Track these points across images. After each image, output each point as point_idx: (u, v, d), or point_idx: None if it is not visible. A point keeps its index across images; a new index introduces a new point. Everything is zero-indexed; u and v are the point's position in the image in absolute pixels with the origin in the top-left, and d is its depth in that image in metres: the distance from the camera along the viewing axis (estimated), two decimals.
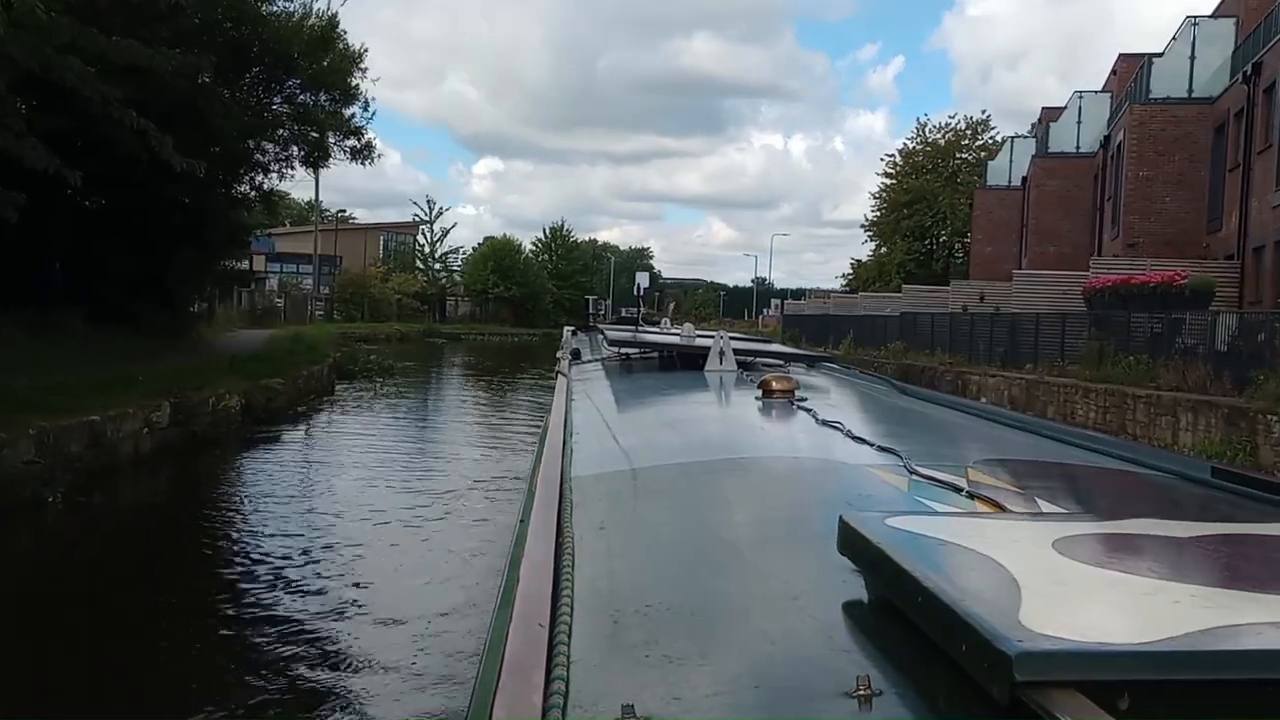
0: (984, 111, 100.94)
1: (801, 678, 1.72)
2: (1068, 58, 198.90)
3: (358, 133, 24.75)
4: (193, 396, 15.89)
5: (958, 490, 3.09)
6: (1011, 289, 31.73)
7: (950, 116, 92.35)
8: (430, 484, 14.24)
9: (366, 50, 24.08)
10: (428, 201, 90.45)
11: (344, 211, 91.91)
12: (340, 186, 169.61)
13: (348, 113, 24.53)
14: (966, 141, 66.89)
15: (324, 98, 23.79)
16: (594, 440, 4.55)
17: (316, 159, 24.95)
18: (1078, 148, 37.76)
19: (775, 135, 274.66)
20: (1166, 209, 27.92)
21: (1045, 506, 2.93)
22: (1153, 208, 28.00)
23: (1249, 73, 23.05)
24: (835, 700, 1.56)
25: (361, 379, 30.00)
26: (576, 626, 1.85)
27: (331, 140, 24.58)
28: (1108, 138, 32.38)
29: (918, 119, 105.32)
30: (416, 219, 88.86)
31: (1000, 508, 2.86)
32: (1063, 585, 1.78)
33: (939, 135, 67.23)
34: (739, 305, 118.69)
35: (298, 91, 23.62)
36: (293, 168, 25.09)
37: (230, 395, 17.34)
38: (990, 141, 66.00)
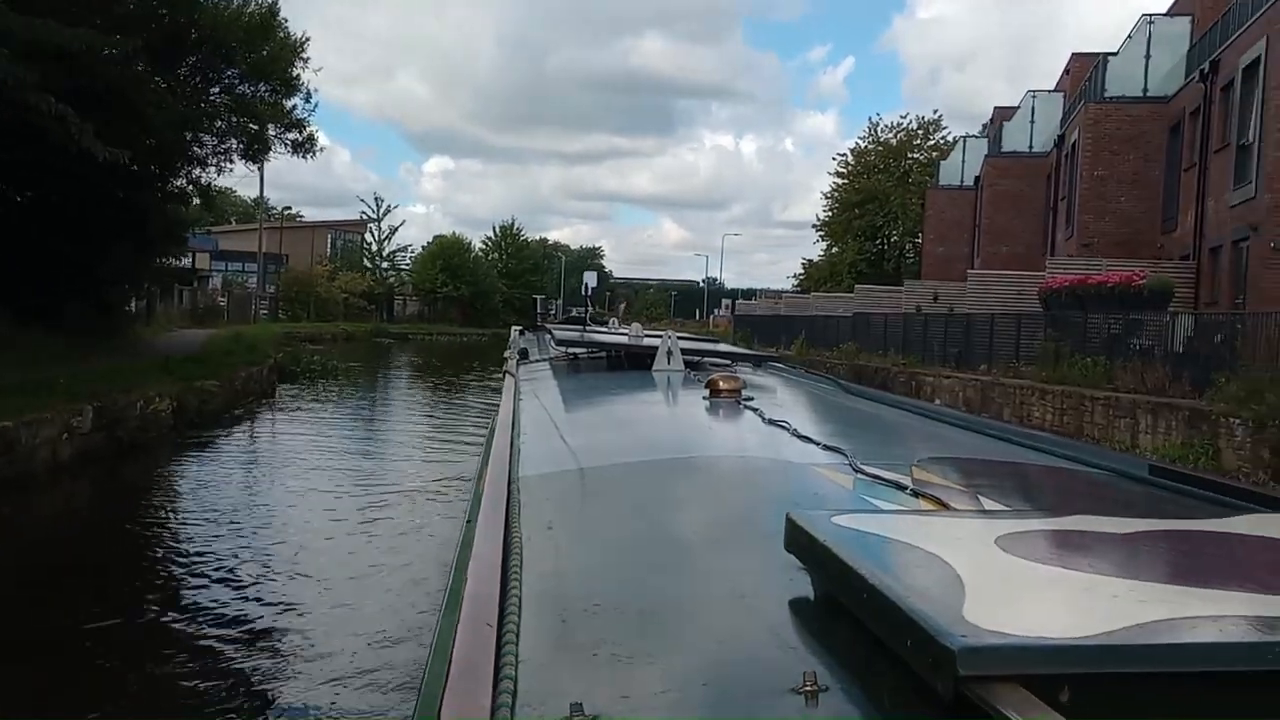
0: (935, 111, 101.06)
1: (748, 675, 1.74)
2: (1015, 60, 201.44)
3: (299, 125, 23.94)
4: (119, 400, 15.05)
5: (902, 489, 3.13)
6: (966, 289, 31.52)
7: (902, 116, 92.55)
8: (372, 489, 13.69)
9: (308, 40, 23.31)
10: (375, 199, 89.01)
11: (290, 209, 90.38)
12: (289, 184, 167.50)
13: (289, 104, 23.73)
14: (918, 141, 67.02)
15: (264, 88, 22.94)
16: (541, 440, 4.52)
17: (256, 152, 24.09)
18: (1031, 147, 37.67)
19: (726, 135, 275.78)
20: (1121, 209, 27.80)
21: (988, 504, 2.98)
22: (1107, 207, 27.86)
23: (1206, 71, 22.92)
24: (782, 697, 1.57)
25: (304, 380, 29.12)
26: (525, 626, 1.85)
27: (272, 133, 23.74)
28: (1062, 137, 32.25)
29: (869, 118, 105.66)
30: (364, 216, 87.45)
31: (944, 505, 2.90)
32: (1005, 581, 1.81)
33: (891, 135, 67.33)
34: (690, 305, 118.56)
35: (236, 82, 22.75)
36: (232, 161, 24.23)
37: (161, 398, 16.50)
38: (942, 141, 66.18)
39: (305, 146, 24.21)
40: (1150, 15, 28.32)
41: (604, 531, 2.98)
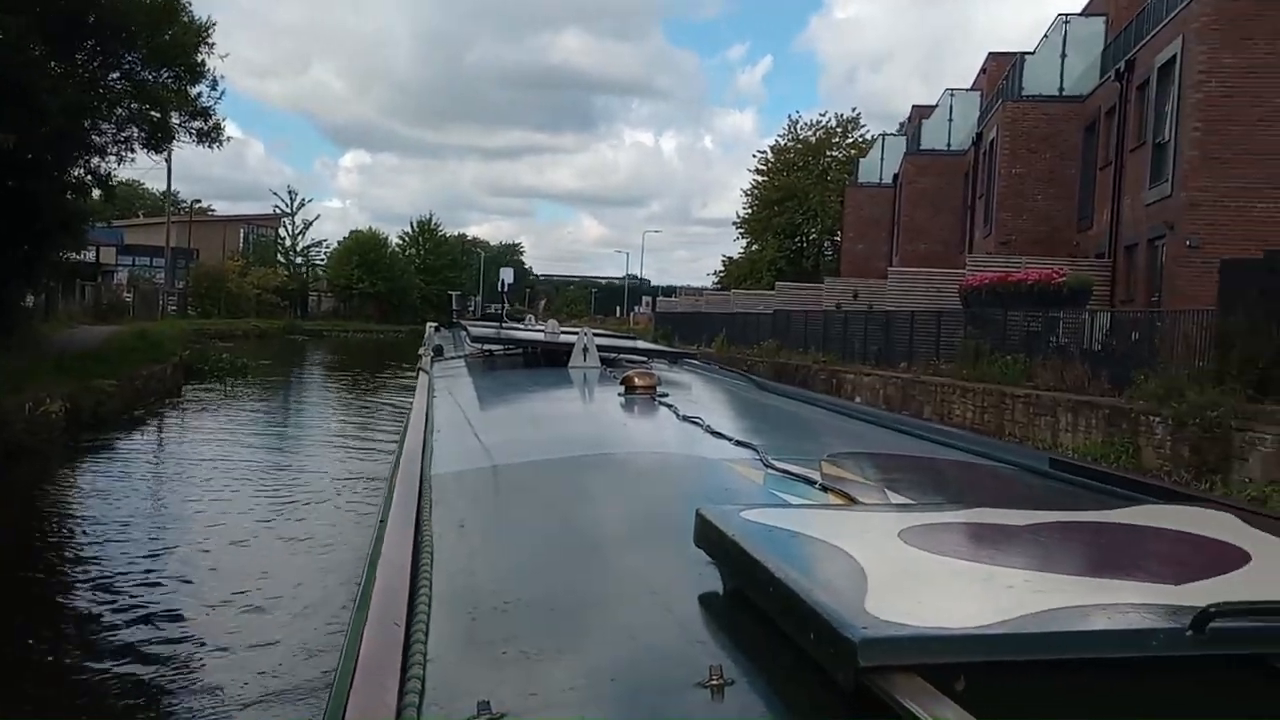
0: (854, 110, 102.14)
1: (656, 670, 1.75)
2: (930, 61, 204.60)
3: (205, 113, 22.94)
4: (5, 402, 14.17)
5: (811, 483, 3.16)
6: (886, 286, 31.60)
7: (821, 114, 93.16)
8: (281, 491, 13.20)
9: (214, 24, 22.33)
10: (289, 192, 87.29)
11: (200, 202, 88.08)
12: (200, 177, 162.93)
13: (194, 91, 22.73)
14: (837, 139, 67.43)
15: (167, 74, 21.93)
16: (455, 438, 4.51)
17: (159, 141, 23.04)
18: (949, 145, 37.96)
19: (646, 133, 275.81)
20: (1038, 207, 28.04)
21: (894, 497, 3.04)
22: (1025, 205, 28.08)
23: (1122, 70, 23.14)
24: (688, 691, 1.59)
25: (212, 379, 28.13)
26: (434, 625, 1.86)
27: (176, 121, 22.72)
28: (979, 135, 32.49)
29: (789, 116, 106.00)
30: (277, 210, 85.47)
31: (851, 499, 2.94)
32: (906, 573, 1.83)
33: (810, 133, 67.65)
34: (611, 302, 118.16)
35: (138, 67, 21.70)
36: (133, 150, 23.09)
37: (52, 399, 15.62)
38: (860, 140, 66.66)
39: (211, 136, 23.24)
40: (1066, 15, 28.59)
41: (516, 529, 2.98)
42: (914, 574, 1.86)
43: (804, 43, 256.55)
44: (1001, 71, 35.59)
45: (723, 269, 74.20)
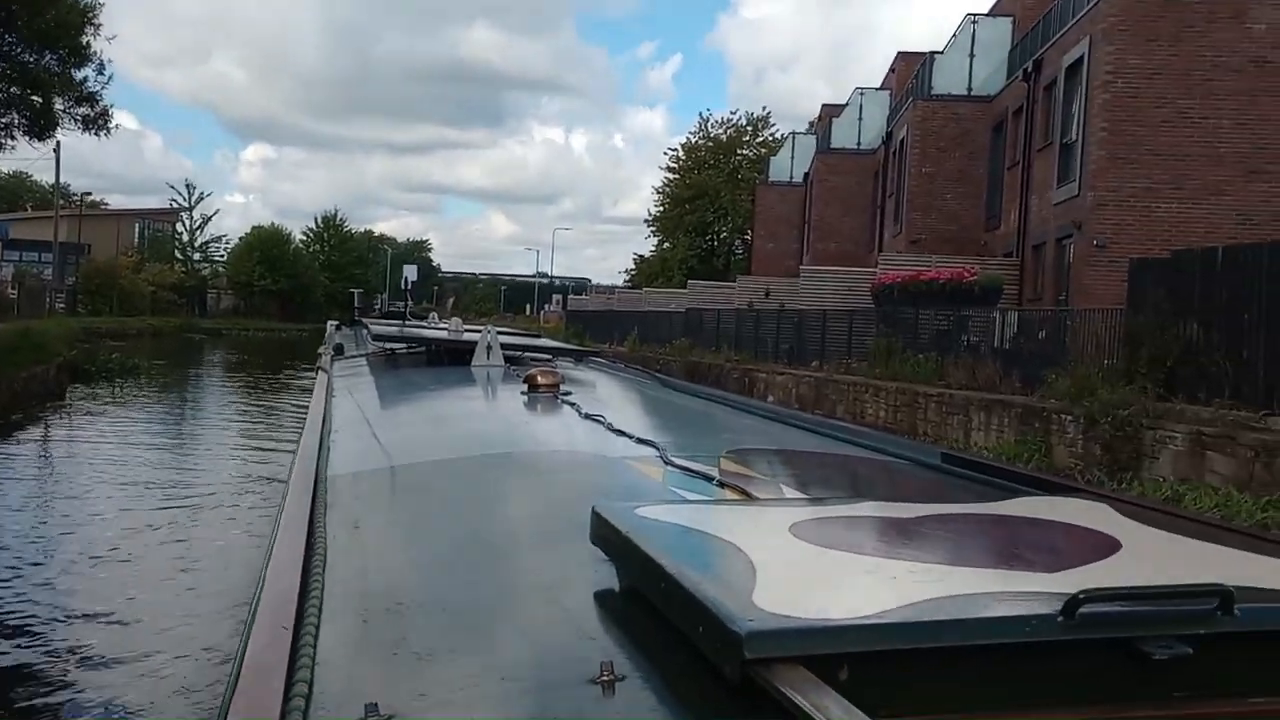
0: (764, 108, 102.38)
1: (548, 667, 1.78)
2: (836, 63, 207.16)
3: (91, 99, 21.87)
4: None
5: (710, 479, 3.19)
6: (799, 285, 31.54)
7: (732, 112, 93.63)
8: (167, 499, 12.52)
9: (101, 4, 21.24)
10: (187, 186, 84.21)
11: (92, 195, 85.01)
12: (95, 170, 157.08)
13: (79, 75, 21.63)
14: (748, 138, 67.63)
15: (50, 58, 20.82)
16: (353, 438, 4.46)
17: (42, 128, 21.92)
18: (859, 145, 38.11)
19: (556, 129, 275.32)
20: (948, 206, 28.20)
21: (789, 492, 3.12)
22: (935, 205, 28.22)
23: (1029, 70, 23.30)
24: (579, 687, 1.61)
25: (101, 380, 26.85)
26: (324, 627, 1.85)
27: (60, 107, 21.63)
28: (889, 134, 32.62)
29: (700, 114, 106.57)
30: (174, 204, 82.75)
31: (747, 495, 2.97)
32: (795, 566, 1.90)
33: (721, 131, 67.74)
34: (520, 300, 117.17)
35: (17, 49, 20.58)
36: (13, 138, 21.99)
37: None
38: (771, 139, 66.98)
39: (98, 123, 22.21)
40: (974, 15, 28.81)
41: (413, 529, 2.96)
42: (803, 567, 1.90)
43: (713, 42, 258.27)
44: (910, 71, 35.83)
45: (634, 267, 74.03)
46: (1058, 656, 1.60)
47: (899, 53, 38.45)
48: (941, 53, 28.80)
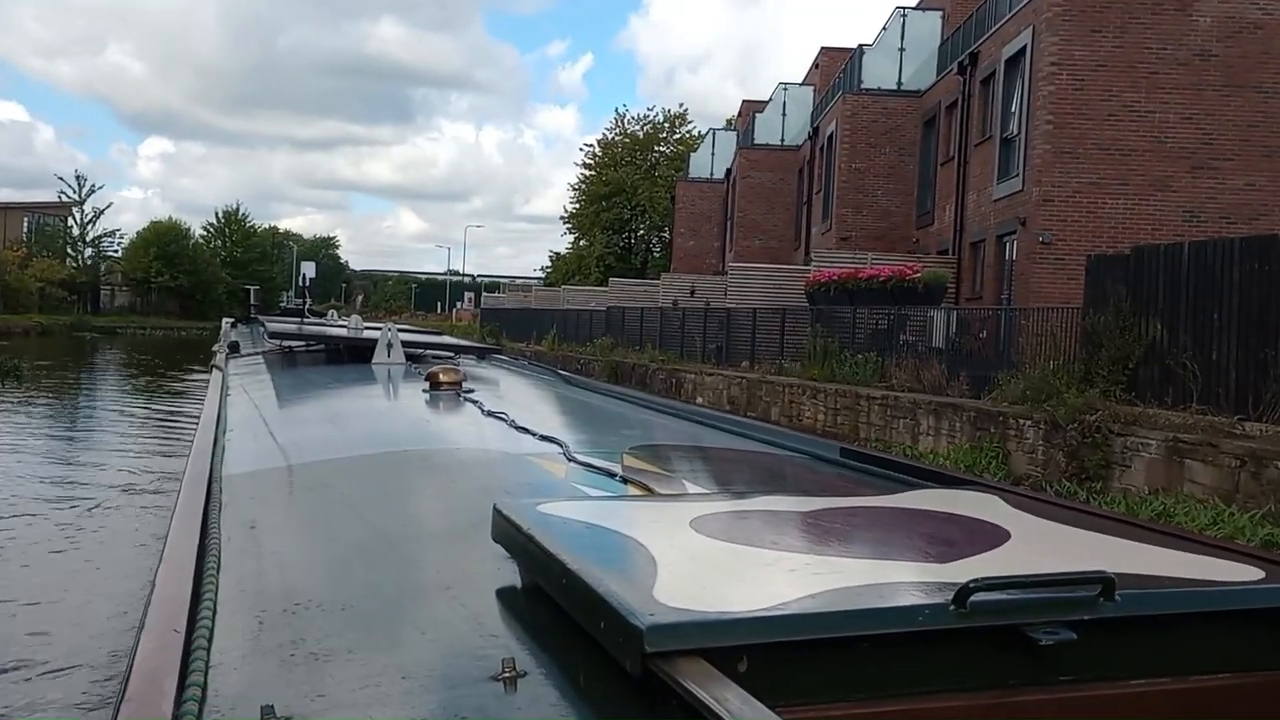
0: (681, 105, 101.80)
1: (449, 665, 1.75)
2: (747, 64, 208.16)
3: None
4: None
5: (612, 476, 3.25)
6: (725, 283, 30.71)
7: (649, 109, 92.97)
8: (54, 505, 11.87)
9: None
10: (77, 178, 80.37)
11: None
12: None
13: None
14: (665, 135, 66.94)
15: None
16: (249, 437, 4.41)
17: None
18: (783, 141, 37.39)
19: (466, 126, 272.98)
20: (878, 202, 27.57)
21: (690, 488, 3.18)
22: (865, 201, 27.55)
23: (965, 63, 22.71)
24: (480, 684, 1.62)
25: None
26: (218, 629, 1.82)
27: None
28: (816, 130, 31.89)
29: (616, 110, 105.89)
30: (63, 197, 78.88)
31: (650, 490, 3.04)
32: (696, 561, 1.93)
33: (638, 127, 66.93)
34: (432, 298, 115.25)
35: None
36: None
37: None
38: (688, 135, 66.40)
39: None
40: (904, 8, 28.23)
41: (311, 529, 2.93)
42: (703, 562, 1.93)
43: (624, 41, 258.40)
44: (835, 66, 35.26)
45: (550, 265, 72.84)
46: (950, 644, 1.65)
47: (822, 48, 37.88)
48: (871, 45, 28.14)
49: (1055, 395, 13.25)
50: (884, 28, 28.30)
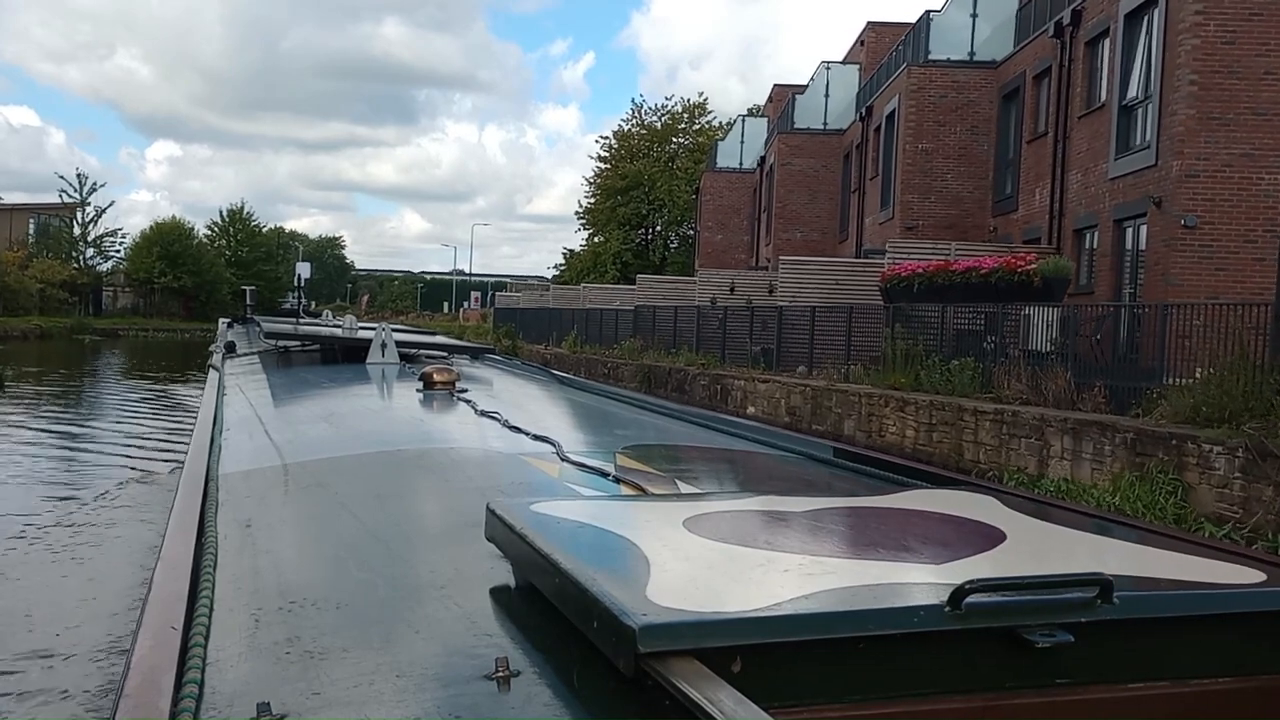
0: (701, 94, 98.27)
1: (443, 664, 1.75)
2: (748, 61, 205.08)
3: None
4: None
5: (605, 475, 3.28)
6: (772, 278, 27.79)
7: (667, 98, 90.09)
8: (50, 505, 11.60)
9: None
10: (78, 176, 77.47)
11: None
12: None
13: None
14: (683, 126, 64.14)
15: None
16: (245, 436, 4.46)
17: None
18: (825, 124, 34.35)
19: (469, 126, 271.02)
20: (947, 187, 24.51)
21: (684, 488, 3.18)
22: (933, 185, 24.48)
23: (1065, 23, 19.65)
24: (474, 683, 1.62)
25: None
26: (215, 627, 1.85)
27: None
28: (870, 108, 28.78)
29: (633, 100, 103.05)
30: (62, 196, 76.01)
31: (643, 490, 3.05)
32: (689, 560, 1.92)
33: (656, 118, 64.15)
34: (437, 298, 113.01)
35: None
36: None
37: None
38: (707, 126, 63.61)
39: None
40: None
41: (306, 527, 2.95)
42: (697, 561, 1.93)
43: (626, 39, 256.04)
44: (883, 42, 32.33)
45: (563, 262, 70.12)
46: (945, 646, 1.64)
47: (869, 23, 34.83)
48: (939, 11, 25.09)
49: (1267, 412, 10.37)
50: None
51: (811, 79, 35.75)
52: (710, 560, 1.93)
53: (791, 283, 24.91)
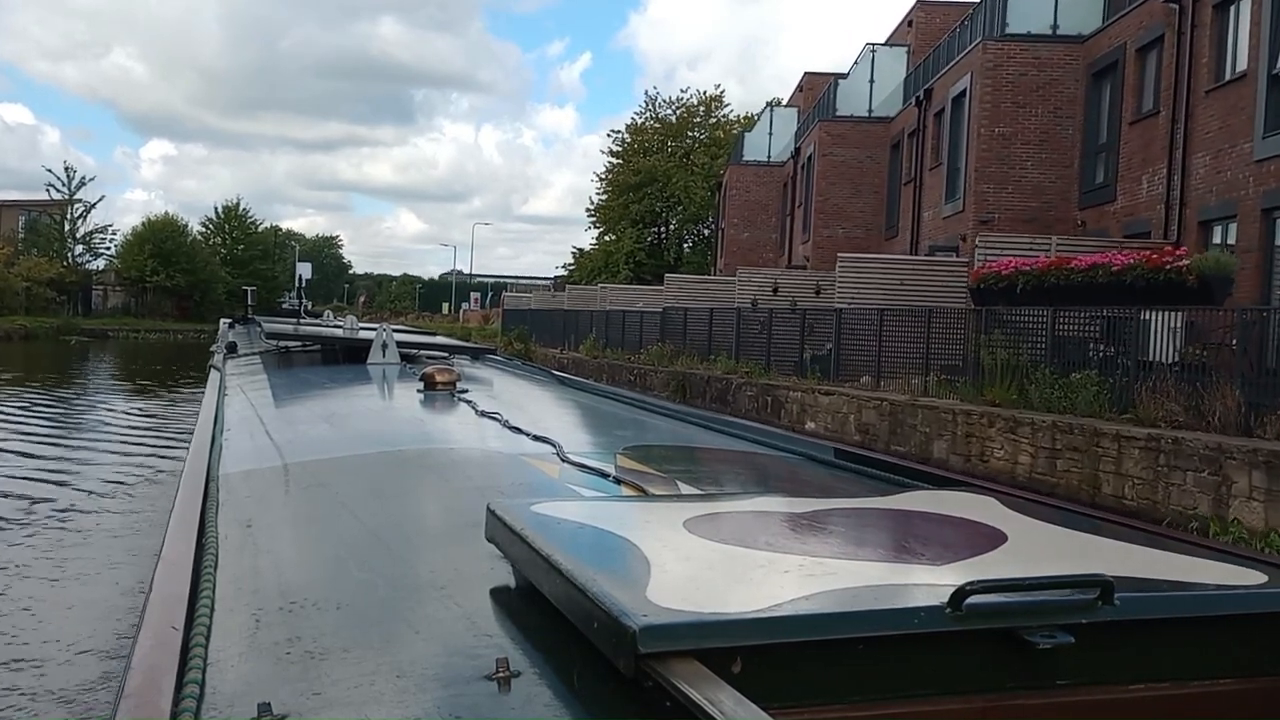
0: (718, 86, 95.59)
1: (443, 665, 1.74)
2: (746, 62, 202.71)
3: None
4: None
5: (606, 476, 3.27)
6: (819, 278, 25.21)
7: (682, 90, 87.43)
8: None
9: None
10: (66, 170, 74.62)
11: None
12: None
13: None
14: (699, 119, 61.51)
15: None
16: (246, 436, 4.44)
17: None
18: (870, 111, 31.70)
19: (466, 127, 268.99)
20: (1027, 175, 21.86)
21: (684, 488, 3.16)
22: (1011, 174, 21.84)
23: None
24: (474, 684, 1.62)
25: None
26: (215, 627, 1.84)
27: None
28: (929, 91, 26.12)
29: (646, 92, 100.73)
30: (50, 191, 73.25)
31: (643, 491, 3.04)
32: (689, 561, 1.91)
33: (670, 111, 61.53)
34: (436, 298, 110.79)
35: None
36: None
37: None
38: (724, 119, 61.04)
39: None
40: None
41: (307, 528, 2.92)
42: (697, 562, 1.91)
43: (624, 40, 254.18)
44: (934, 22, 29.84)
45: (573, 262, 67.60)
46: (946, 647, 1.63)
47: (918, 2, 32.18)
48: None
49: None
50: None
51: (855, 63, 33.11)
52: (710, 561, 1.92)
53: (850, 283, 22.31)
